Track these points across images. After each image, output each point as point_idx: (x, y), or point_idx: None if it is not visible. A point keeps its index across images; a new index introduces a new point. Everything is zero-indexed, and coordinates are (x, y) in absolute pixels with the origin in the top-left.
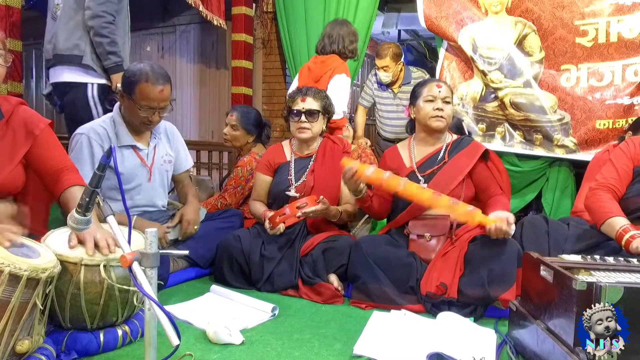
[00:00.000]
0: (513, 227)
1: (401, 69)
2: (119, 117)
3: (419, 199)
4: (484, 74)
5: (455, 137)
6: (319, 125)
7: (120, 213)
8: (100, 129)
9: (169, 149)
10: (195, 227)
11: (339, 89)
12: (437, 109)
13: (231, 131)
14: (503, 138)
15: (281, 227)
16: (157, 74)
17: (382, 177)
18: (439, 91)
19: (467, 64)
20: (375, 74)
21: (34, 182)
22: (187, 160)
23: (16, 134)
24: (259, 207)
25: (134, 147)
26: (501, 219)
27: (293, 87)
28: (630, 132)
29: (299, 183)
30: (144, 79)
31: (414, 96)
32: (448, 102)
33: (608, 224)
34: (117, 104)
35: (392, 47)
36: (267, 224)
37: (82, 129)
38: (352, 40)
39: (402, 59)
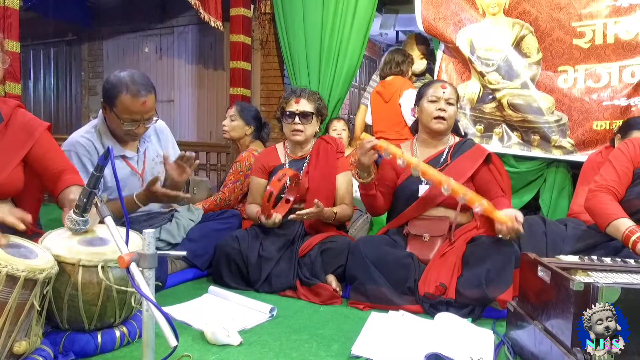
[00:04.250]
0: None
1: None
2: (104, 126)
3: (434, 176)
4: (481, 75)
5: (458, 139)
6: (313, 127)
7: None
8: (85, 141)
9: (159, 149)
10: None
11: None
12: (439, 109)
13: (230, 122)
14: (501, 139)
15: (277, 217)
16: (139, 84)
17: (399, 153)
18: (443, 92)
19: (465, 65)
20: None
21: (30, 184)
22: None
23: (15, 136)
24: (253, 209)
25: (122, 157)
26: (510, 218)
27: (369, 114)
28: (619, 134)
29: (292, 184)
30: (125, 91)
31: (419, 96)
32: (452, 104)
33: (613, 226)
34: (100, 112)
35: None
36: (262, 218)
37: (67, 144)
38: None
39: None
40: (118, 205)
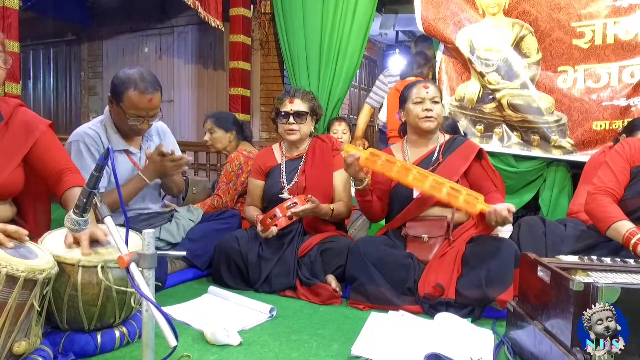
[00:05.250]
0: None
1: None
2: (110, 121)
3: (421, 188)
4: (481, 75)
5: (447, 137)
6: (307, 126)
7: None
8: (92, 132)
9: None
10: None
11: None
12: (426, 109)
13: (210, 135)
14: (501, 139)
15: (273, 230)
16: (147, 82)
17: (379, 170)
18: (427, 92)
19: (465, 65)
20: (391, 74)
21: (32, 184)
22: None
23: (16, 136)
24: (252, 211)
25: (126, 152)
26: (502, 208)
27: (384, 108)
28: (624, 134)
29: (291, 185)
30: (132, 87)
31: (403, 99)
32: (437, 102)
33: (613, 229)
34: (106, 108)
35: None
36: (259, 227)
37: (75, 135)
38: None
39: None
40: (117, 198)
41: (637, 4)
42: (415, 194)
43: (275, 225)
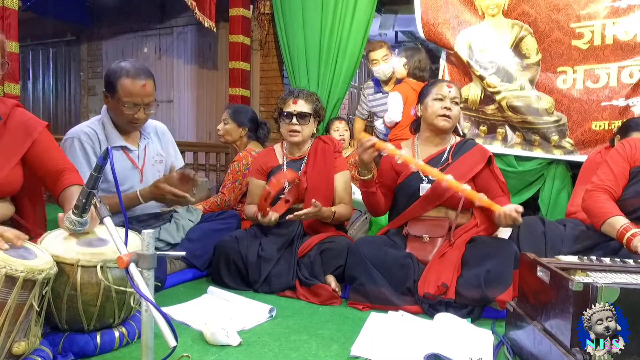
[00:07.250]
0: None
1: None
2: (107, 118)
3: (432, 175)
4: (481, 78)
5: (458, 139)
6: (310, 128)
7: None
8: (89, 130)
9: (159, 149)
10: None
11: None
12: (445, 107)
13: (223, 126)
14: (503, 139)
15: (273, 216)
16: (138, 69)
17: (397, 152)
18: (449, 91)
19: (465, 69)
20: (373, 82)
21: (30, 183)
22: (177, 159)
23: (14, 136)
24: (252, 208)
25: (124, 148)
26: (511, 209)
27: (398, 107)
28: (618, 135)
29: (292, 186)
30: (125, 75)
31: (423, 94)
32: (457, 103)
33: (608, 224)
34: (104, 106)
35: (385, 43)
36: (259, 216)
37: (72, 132)
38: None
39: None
40: (116, 201)
41: (636, 5)
42: (422, 192)
43: (276, 211)
